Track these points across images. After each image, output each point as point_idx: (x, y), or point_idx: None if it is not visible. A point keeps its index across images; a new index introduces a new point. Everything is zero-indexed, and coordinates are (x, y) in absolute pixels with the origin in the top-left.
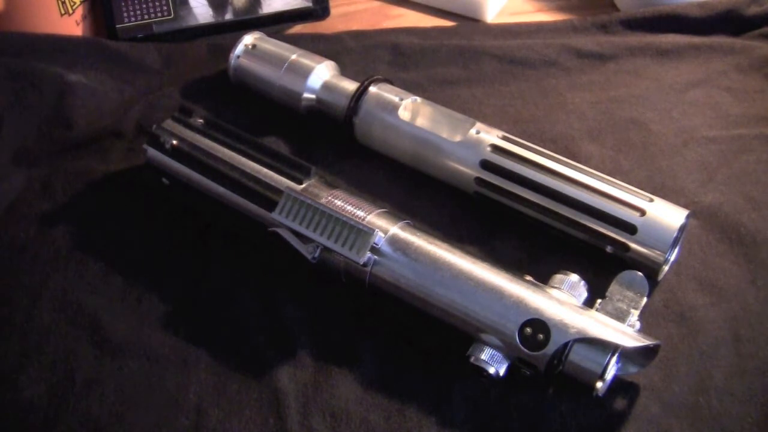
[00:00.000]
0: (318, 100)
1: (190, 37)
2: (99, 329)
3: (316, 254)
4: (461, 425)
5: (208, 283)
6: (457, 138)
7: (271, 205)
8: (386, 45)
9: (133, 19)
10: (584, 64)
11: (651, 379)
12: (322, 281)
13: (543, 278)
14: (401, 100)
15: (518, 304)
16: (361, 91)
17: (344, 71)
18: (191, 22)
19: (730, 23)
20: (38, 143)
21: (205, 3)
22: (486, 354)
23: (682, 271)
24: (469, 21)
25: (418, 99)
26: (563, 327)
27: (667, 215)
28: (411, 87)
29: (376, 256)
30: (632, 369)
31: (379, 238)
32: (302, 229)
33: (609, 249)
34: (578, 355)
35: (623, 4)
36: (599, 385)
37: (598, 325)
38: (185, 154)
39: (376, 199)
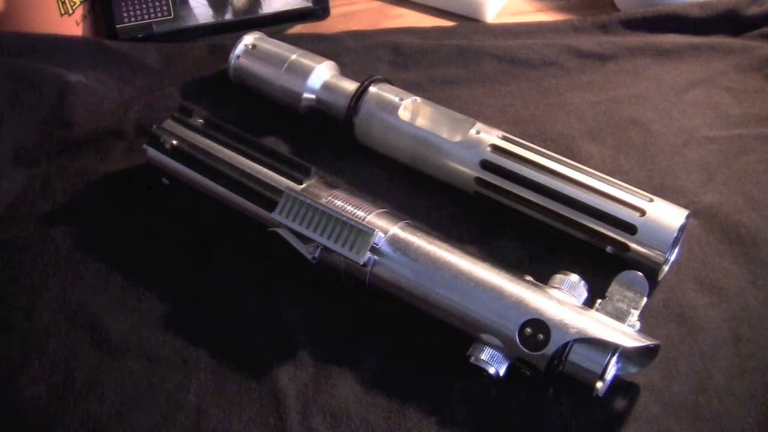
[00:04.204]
0: (318, 100)
1: (190, 37)
2: (99, 329)
3: (316, 254)
4: (461, 425)
5: (208, 283)
6: (457, 138)
7: (271, 205)
8: (386, 45)
9: (133, 19)
10: (584, 64)
11: (651, 379)
12: (322, 281)
13: (543, 278)
14: (401, 100)
15: (518, 304)
16: (361, 91)
17: (344, 71)
18: (191, 22)
19: (730, 23)
20: (38, 143)
21: (205, 3)
22: (486, 354)
23: (682, 271)
24: (469, 21)
25: (418, 99)
26: (563, 327)
27: (667, 215)
28: (411, 87)
29: (376, 256)
30: (632, 369)
31: (379, 238)
32: (302, 229)
33: (609, 249)
34: (578, 355)
35: (623, 4)
36: (599, 385)
37: (598, 325)
38: (185, 154)
39: (376, 199)
